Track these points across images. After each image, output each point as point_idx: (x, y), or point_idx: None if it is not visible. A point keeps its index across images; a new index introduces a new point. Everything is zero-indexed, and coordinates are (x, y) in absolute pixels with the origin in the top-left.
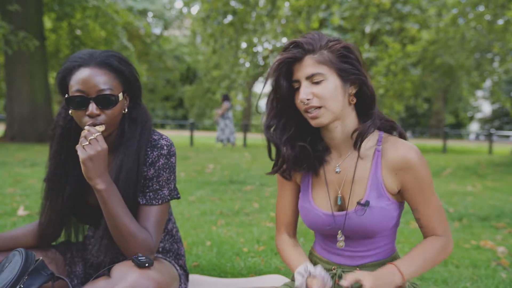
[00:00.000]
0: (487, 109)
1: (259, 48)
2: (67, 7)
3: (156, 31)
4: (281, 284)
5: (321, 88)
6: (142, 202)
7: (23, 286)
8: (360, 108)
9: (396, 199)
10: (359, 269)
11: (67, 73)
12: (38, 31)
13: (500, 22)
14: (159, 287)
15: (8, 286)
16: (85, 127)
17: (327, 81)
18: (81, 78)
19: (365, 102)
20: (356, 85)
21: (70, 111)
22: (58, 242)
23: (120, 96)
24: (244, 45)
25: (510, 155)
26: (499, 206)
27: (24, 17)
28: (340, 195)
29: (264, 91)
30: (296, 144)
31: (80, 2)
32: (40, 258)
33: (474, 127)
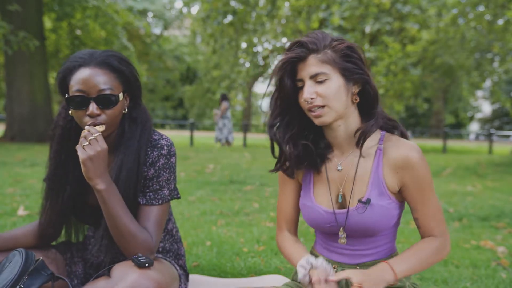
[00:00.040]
0: (487, 109)
1: (259, 48)
2: (67, 7)
3: (156, 31)
4: (281, 284)
5: (324, 88)
6: (142, 202)
7: (23, 286)
8: (363, 107)
9: (397, 198)
10: (359, 267)
11: (67, 73)
12: (38, 31)
13: (500, 22)
14: (159, 287)
15: (8, 286)
16: (85, 127)
17: (331, 80)
18: (81, 78)
19: (368, 101)
20: (359, 84)
21: (70, 111)
22: (58, 242)
23: (120, 96)
24: (244, 45)
25: (510, 155)
26: (499, 206)
27: (24, 17)
28: (341, 193)
29: (267, 90)
30: (299, 142)
31: (80, 2)
32: (40, 258)
33: (474, 127)
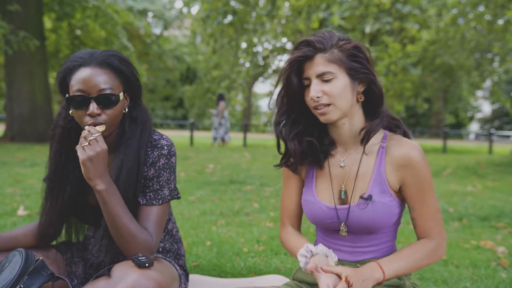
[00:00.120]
0: (487, 109)
1: (259, 48)
2: (67, 7)
3: (156, 31)
4: (281, 284)
5: (330, 86)
6: (142, 202)
7: (23, 286)
8: (367, 106)
9: (398, 197)
10: (359, 265)
11: (67, 72)
12: (38, 31)
13: (500, 22)
14: (159, 287)
15: (8, 286)
16: (85, 127)
17: (337, 79)
18: (81, 78)
19: (372, 100)
20: (364, 83)
21: (70, 111)
22: (58, 242)
23: (120, 95)
24: (244, 45)
25: (510, 155)
26: (499, 206)
27: (24, 17)
28: (343, 189)
29: (275, 89)
30: (304, 139)
31: (80, 2)
32: (40, 258)
33: (474, 127)
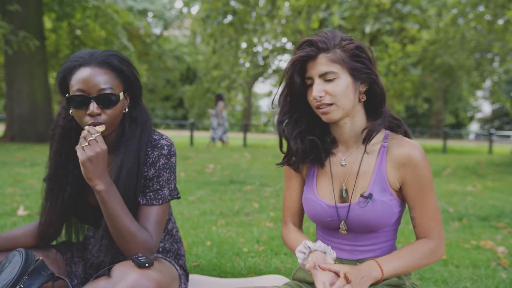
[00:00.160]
0: (487, 109)
1: (259, 48)
2: (67, 7)
3: (156, 31)
4: (281, 284)
5: (333, 86)
6: (142, 202)
7: (23, 286)
8: (369, 105)
9: (398, 196)
10: (359, 264)
11: (67, 72)
12: (38, 31)
13: (500, 22)
14: (159, 287)
15: (8, 286)
16: (84, 127)
17: (340, 79)
18: (81, 78)
19: (374, 100)
20: (366, 83)
21: (70, 111)
22: (58, 242)
23: (120, 95)
24: (244, 45)
25: (510, 155)
26: (499, 206)
27: (24, 17)
28: (344, 188)
29: (271, 89)
30: (306, 138)
31: (80, 2)
32: (40, 258)
33: (474, 127)
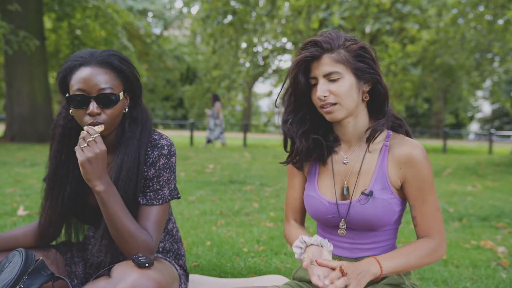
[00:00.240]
0: (487, 109)
1: (259, 48)
2: (67, 7)
3: (156, 31)
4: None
5: (337, 86)
6: (142, 202)
7: (23, 286)
8: (372, 105)
9: (399, 195)
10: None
11: (68, 72)
12: (38, 31)
13: (500, 22)
14: (159, 287)
15: (8, 286)
16: (84, 127)
17: (343, 79)
18: (82, 77)
19: (377, 100)
20: (370, 83)
21: (70, 110)
22: (58, 242)
23: (120, 95)
24: (244, 45)
25: (510, 155)
26: (499, 206)
27: (24, 17)
28: (346, 186)
29: (279, 88)
30: (310, 137)
31: (80, 2)
32: (40, 258)
33: (474, 127)
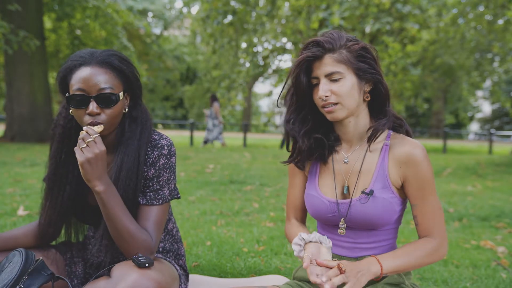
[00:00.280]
0: (487, 109)
1: (259, 48)
2: (67, 7)
3: (156, 31)
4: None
5: (339, 86)
6: (142, 202)
7: (23, 286)
8: (373, 105)
9: (399, 194)
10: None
11: (68, 72)
12: (38, 31)
13: (500, 22)
14: (159, 287)
15: (8, 286)
16: (83, 128)
17: (345, 79)
18: (82, 77)
19: (378, 100)
20: (371, 83)
21: (70, 110)
22: (58, 242)
23: (120, 95)
24: (244, 45)
25: (510, 155)
26: (499, 206)
27: (24, 16)
28: (346, 185)
29: (279, 88)
30: (312, 136)
31: (80, 2)
32: (40, 258)
33: (474, 127)
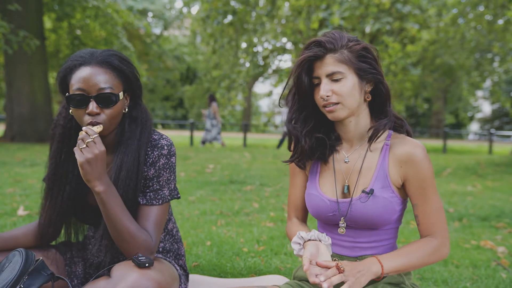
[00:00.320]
0: (487, 109)
1: (259, 48)
2: (67, 7)
3: (156, 31)
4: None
5: (340, 86)
6: (142, 202)
7: (23, 286)
8: (373, 105)
9: (399, 194)
10: (359, 260)
11: (68, 72)
12: (38, 31)
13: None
14: (159, 287)
15: (8, 286)
16: (82, 128)
17: (346, 79)
18: (82, 77)
19: (379, 100)
20: (372, 83)
21: (70, 110)
22: (58, 242)
23: (120, 95)
24: (244, 45)
25: (510, 155)
26: (499, 206)
27: (24, 16)
28: (347, 184)
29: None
30: (314, 136)
31: (80, 2)
32: (40, 258)
33: (474, 127)
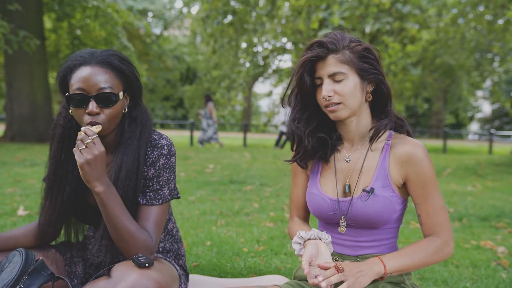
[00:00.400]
0: (487, 109)
1: (259, 48)
2: (67, 7)
3: (156, 31)
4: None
5: (341, 86)
6: (142, 202)
7: (23, 286)
8: (375, 105)
9: (400, 193)
10: (359, 259)
11: (68, 71)
12: (38, 31)
13: (500, 22)
14: (159, 287)
15: (8, 286)
16: (81, 128)
17: (348, 79)
18: (81, 77)
19: (380, 100)
20: (373, 83)
21: (70, 110)
22: (58, 242)
23: (120, 95)
24: (244, 45)
25: (510, 155)
26: (499, 206)
27: (24, 16)
28: (348, 184)
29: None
30: (316, 135)
31: (80, 2)
32: (40, 258)
33: (474, 127)
